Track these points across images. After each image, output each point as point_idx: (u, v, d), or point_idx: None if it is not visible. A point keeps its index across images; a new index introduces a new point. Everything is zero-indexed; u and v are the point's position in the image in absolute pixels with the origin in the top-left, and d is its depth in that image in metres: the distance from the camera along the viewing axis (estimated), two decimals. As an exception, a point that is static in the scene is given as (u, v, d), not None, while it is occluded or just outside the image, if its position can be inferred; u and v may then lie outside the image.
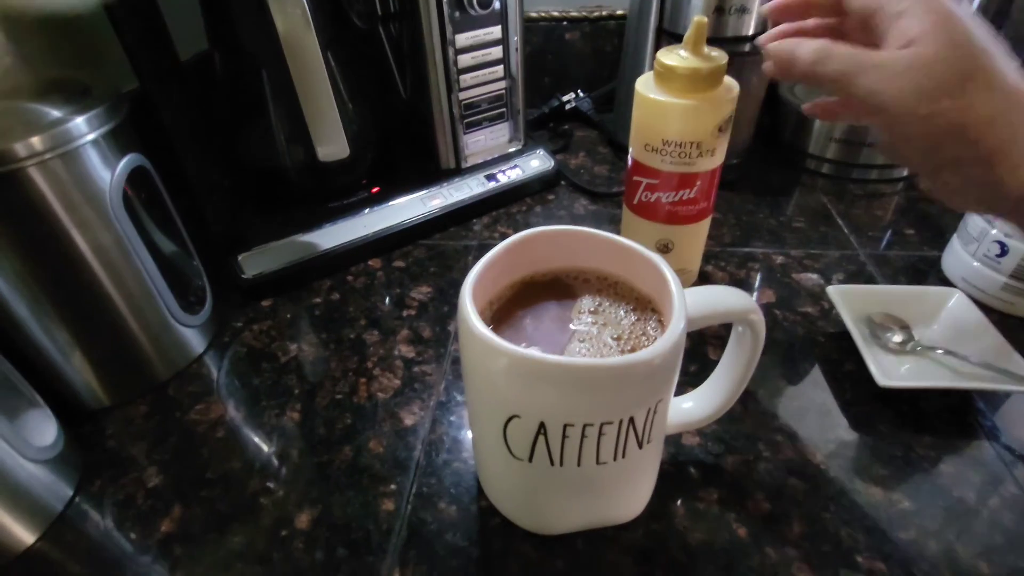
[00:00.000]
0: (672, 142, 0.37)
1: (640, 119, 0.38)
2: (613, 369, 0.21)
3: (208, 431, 0.36)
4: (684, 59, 0.35)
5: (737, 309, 0.26)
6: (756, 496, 0.31)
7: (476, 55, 0.51)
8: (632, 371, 0.21)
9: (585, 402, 0.21)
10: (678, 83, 0.35)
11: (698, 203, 0.40)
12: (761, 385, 0.37)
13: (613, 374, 0.21)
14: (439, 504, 0.31)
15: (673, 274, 0.25)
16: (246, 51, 0.46)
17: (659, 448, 0.28)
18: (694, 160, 0.37)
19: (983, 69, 0.22)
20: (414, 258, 0.50)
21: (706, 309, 0.25)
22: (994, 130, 0.22)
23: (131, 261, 0.36)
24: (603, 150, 0.65)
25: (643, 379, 0.22)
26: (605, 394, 0.21)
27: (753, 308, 0.26)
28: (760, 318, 0.27)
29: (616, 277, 0.29)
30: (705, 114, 0.36)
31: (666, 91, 0.36)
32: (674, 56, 0.36)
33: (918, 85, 0.22)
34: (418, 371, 0.39)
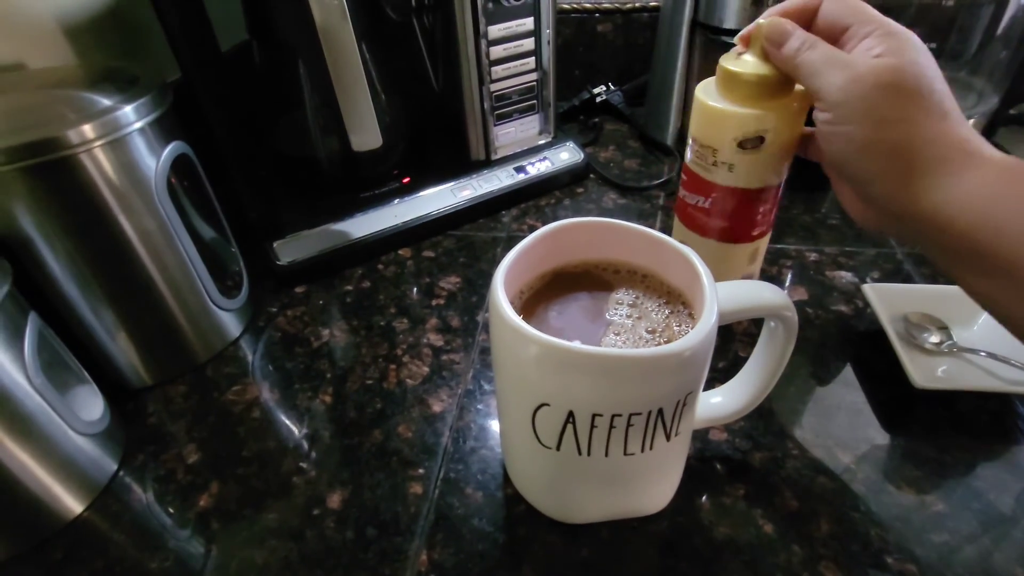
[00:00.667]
0: (696, 139, 0.35)
1: (700, 129, 0.36)
2: (644, 360, 0.21)
3: (244, 411, 0.37)
4: (754, 65, 0.31)
5: (771, 304, 0.26)
6: (783, 493, 0.31)
7: (508, 47, 0.51)
8: (663, 363, 0.21)
9: (615, 393, 0.22)
10: (722, 84, 0.33)
11: (711, 217, 0.37)
12: (791, 383, 0.36)
13: (644, 365, 0.21)
14: (466, 489, 0.32)
15: (705, 267, 0.25)
16: (284, 41, 0.47)
17: (687, 442, 0.28)
18: (709, 167, 0.35)
19: (931, 92, 0.24)
20: (443, 248, 0.50)
21: (739, 303, 0.25)
22: (931, 149, 0.24)
23: (174, 246, 0.37)
24: (633, 144, 0.65)
25: (673, 371, 0.22)
26: (635, 385, 0.21)
27: (787, 304, 0.26)
28: (794, 314, 0.26)
29: (646, 270, 0.29)
30: (725, 121, 0.33)
31: (714, 89, 0.34)
32: (738, 63, 0.32)
33: (874, 92, 0.25)
34: (446, 359, 0.40)
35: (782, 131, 0.32)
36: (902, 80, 0.24)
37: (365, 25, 0.48)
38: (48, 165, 0.31)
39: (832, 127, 0.27)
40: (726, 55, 0.33)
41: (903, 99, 0.24)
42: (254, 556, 0.30)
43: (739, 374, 0.30)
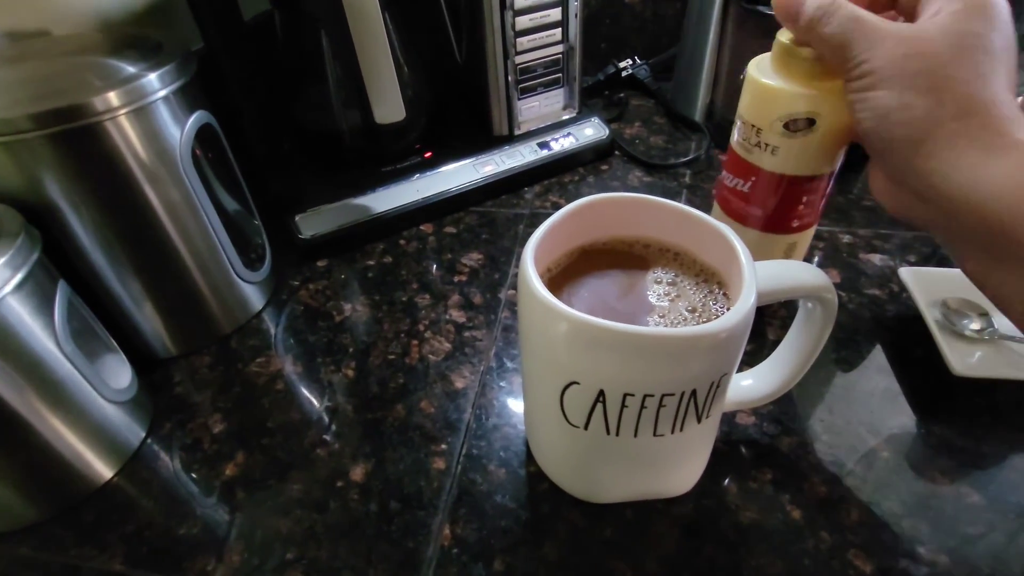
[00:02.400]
0: (742, 117, 0.33)
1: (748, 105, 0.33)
2: (679, 340, 0.20)
3: (268, 383, 0.38)
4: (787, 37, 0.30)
5: (811, 285, 0.25)
6: (812, 479, 0.30)
7: (534, 17, 0.50)
8: (699, 343, 0.20)
9: (648, 372, 0.21)
10: (776, 59, 0.31)
11: (750, 203, 0.34)
12: (821, 367, 0.35)
13: (679, 345, 0.20)
14: (488, 466, 0.32)
15: (743, 245, 0.24)
16: (307, 11, 0.46)
17: (716, 424, 0.27)
18: (752, 148, 0.33)
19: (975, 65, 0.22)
20: (465, 224, 0.50)
21: (777, 283, 0.24)
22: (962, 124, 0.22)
23: (198, 217, 0.37)
24: (659, 120, 0.63)
25: (709, 352, 0.21)
26: (669, 365, 0.21)
27: (827, 285, 0.25)
28: (834, 296, 0.25)
29: (679, 248, 0.28)
30: (772, 99, 0.30)
31: (768, 65, 0.31)
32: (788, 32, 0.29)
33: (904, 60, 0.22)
34: (468, 336, 0.39)
35: (835, 115, 0.29)
36: (938, 49, 0.22)
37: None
38: (73, 132, 0.30)
39: (858, 94, 0.24)
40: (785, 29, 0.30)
41: (936, 68, 0.22)
42: (279, 525, 0.30)
43: (771, 356, 0.29)
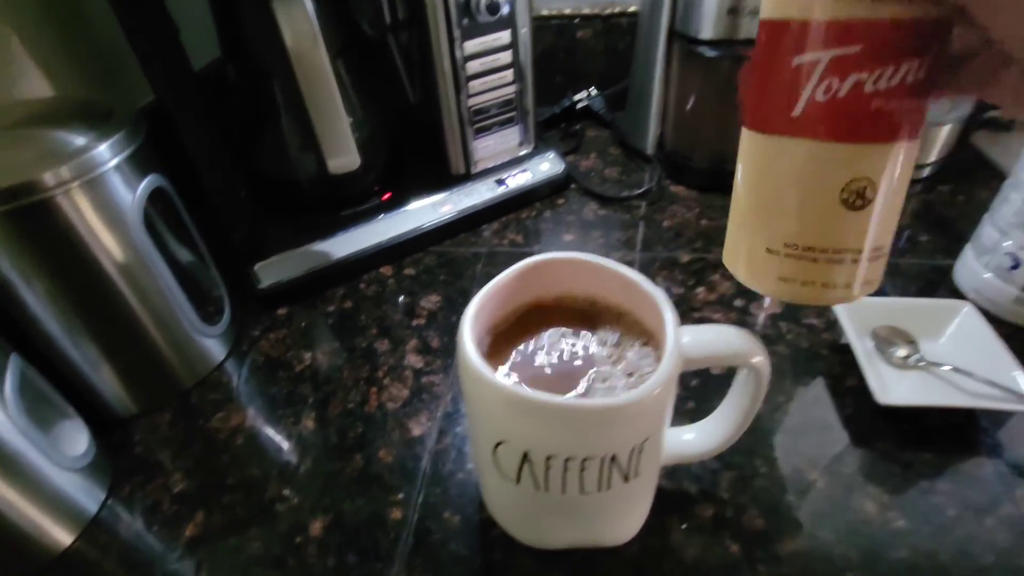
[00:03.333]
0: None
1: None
2: (592, 412, 0.22)
3: (229, 438, 0.38)
4: None
5: (740, 352, 0.26)
6: (750, 512, 0.31)
7: (485, 61, 0.51)
8: (613, 414, 0.22)
9: (565, 438, 0.22)
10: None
11: (929, 93, 0.18)
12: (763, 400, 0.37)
13: (592, 417, 0.22)
14: (444, 514, 0.33)
15: (673, 312, 0.25)
16: (258, 63, 0.47)
17: (651, 479, 0.29)
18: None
19: None
20: (424, 265, 0.51)
21: (706, 351, 0.25)
22: None
23: (152, 277, 0.37)
24: (614, 151, 0.65)
25: (624, 422, 0.22)
26: (584, 434, 0.22)
27: (757, 351, 0.26)
28: (765, 362, 0.26)
29: (622, 308, 0.30)
30: None
31: None
32: None
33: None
34: (426, 381, 0.40)
35: None
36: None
37: (341, 42, 0.49)
38: (25, 209, 0.31)
39: None
40: None
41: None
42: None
43: (713, 415, 0.30)
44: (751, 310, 0.44)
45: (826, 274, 0.21)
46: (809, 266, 0.21)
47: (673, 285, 0.47)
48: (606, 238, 0.52)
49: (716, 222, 0.53)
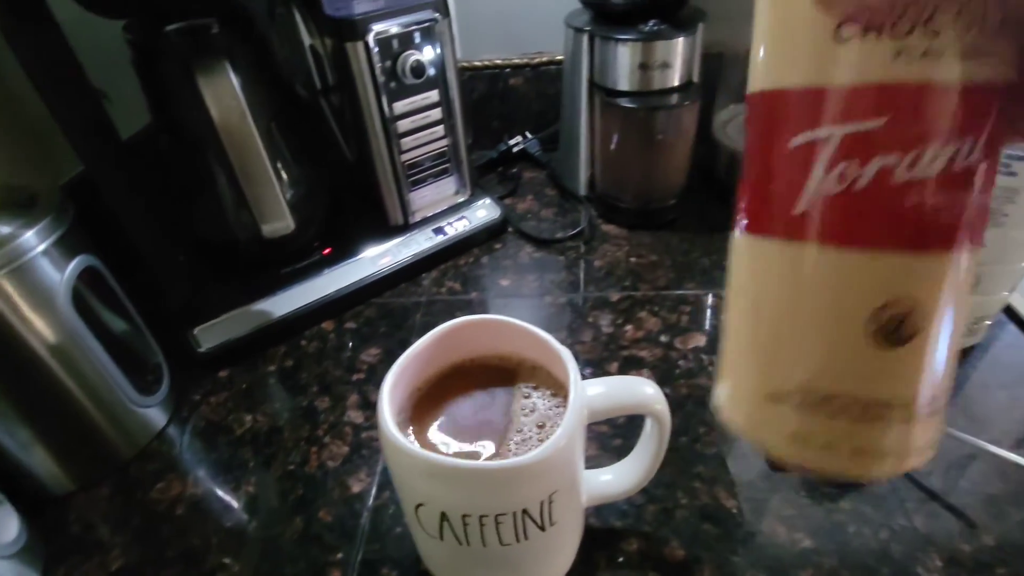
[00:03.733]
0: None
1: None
2: (497, 472, 0.23)
3: (168, 509, 0.38)
4: None
5: (641, 403, 0.28)
6: (671, 543, 0.34)
7: (415, 119, 0.54)
8: (516, 474, 0.24)
9: (475, 499, 0.24)
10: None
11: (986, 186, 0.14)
12: (684, 432, 0.39)
13: (497, 477, 0.24)
14: (382, 570, 0.34)
15: (575, 368, 0.27)
16: (188, 134, 0.48)
17: (572, 524, 0.30)
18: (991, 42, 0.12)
19: None
20: (365, 318, 0.52)
21: (608, 403, 0.28)
22: None
23: (84, 355, 0.38)
24: (550, 192, 0.68)
25: (528, 479, 0.24)
26: (492, 493, 0.24)
27: (656, 399, 0.28)
28: (664, 408, 0.28)
29: (536, 362, 0.32)
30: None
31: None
32: None
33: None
34: (366, 437, 0.41)
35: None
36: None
37: (274, 106, 0.50)
38: (-55, 300, 0.31)
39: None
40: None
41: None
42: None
43: (628, 457, 0.32)
44: (676, 345, 0.46)
45: (857, 435, 0.15)
46: (830, 423, 0.15)
47: (603, 323, 0.49)
48: (540, 280, 0.55)
49: (644, 259, 0.56)
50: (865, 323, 0.14)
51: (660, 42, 0.52)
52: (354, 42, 0.48)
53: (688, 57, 0.54)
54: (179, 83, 0.44)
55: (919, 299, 0.14)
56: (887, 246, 0.14)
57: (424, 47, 0.51)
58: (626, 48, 0.53)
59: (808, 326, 0.15)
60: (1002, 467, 0.35)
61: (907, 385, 0.15)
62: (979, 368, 0.42)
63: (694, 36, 0.54)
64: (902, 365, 0.15)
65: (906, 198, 0.13)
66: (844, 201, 0.14)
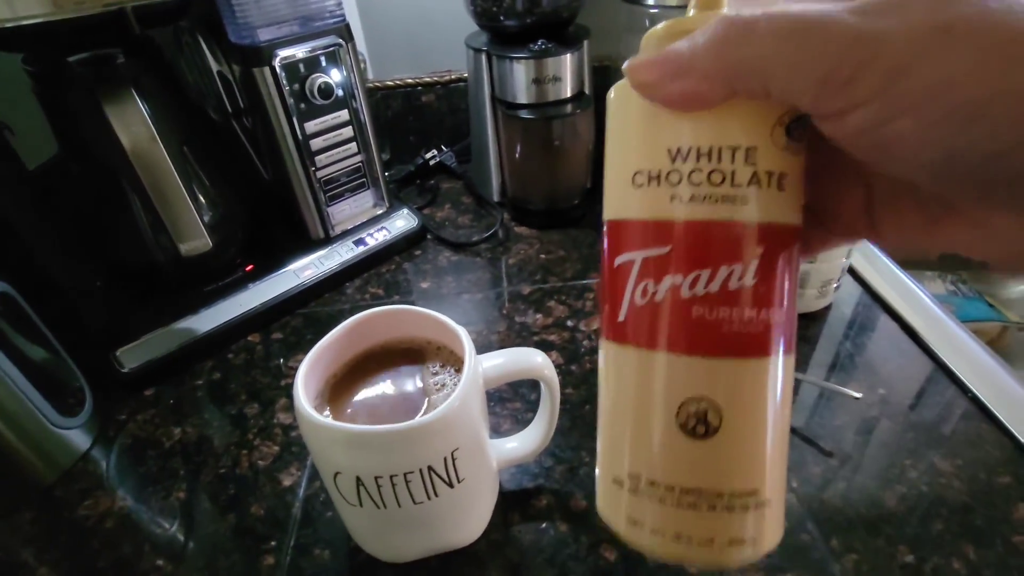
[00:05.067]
0: (694, 152, 0.16)
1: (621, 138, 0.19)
2: (395, 433, 0.27)
3: (97, 524, 0.39)
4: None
5: (529, 369, 0.33)
6: (576, 495, 0.38)
7: (327, 137, 0.57)
8: (412, 434, 0.27)
9: (382, 459, 0.27)
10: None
11: (766, 304, 0.17)
12: (589, 400, 0.44)
13: (396, 437, 0.27)
14: (314, 551, 0.36)
15: (469, 342, 0.31)
16: (97, 161, 0.49)
17: (482, 483, 0.34)
18: (743, 190, 0.16)
19: None
20: (291, 328, 0.54)
21: (500, 371, 0.32)
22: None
23: (1, 381, 0.38)
24: (467, 200, 0.72)
25: (425, 438, 0.28)
26: (396, 452, 0.27)
27: (544, 366, 0.33)
28: (552, 374, 0.33)
29: (440, 343, 0.35)
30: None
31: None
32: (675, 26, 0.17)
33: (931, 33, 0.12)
34: (295, 435, 0.44)
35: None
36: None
37: (186, 130, 0.52)
38: None
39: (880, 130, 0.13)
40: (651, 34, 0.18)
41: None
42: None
43: (531, 424, 0.37)
44: (581, 327, 0.51)
45: (679, 522, 0.17)
46: (659, 508, 0.17)
47: (517, 314, 0.54)
48: (459, 281, 0.59)
49: (553, 255, 0.61)
50: (674, 418, 0.17)
51: (550, 59, 0.58)
52: (261, 67, 0.51)
53: (576, 70, 0.60)
54: (86, 111, 0.45)
55: (714, 398, 0.16)
56: (681, 351, 0.16)
57: (331, 70, 0.54)
58: (520, 65, 0.59)
59: (630, 419, 0.18)
60: (845, 402, 0.42)
61: (718, 477, 0.17)
62: (829, 322, 0.50)
63: (580, 51, 0.60)
64: (711, 458, 0.17)
65: (692, 310, 0.16)
66: (648, 311, 0.17)
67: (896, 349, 0.47)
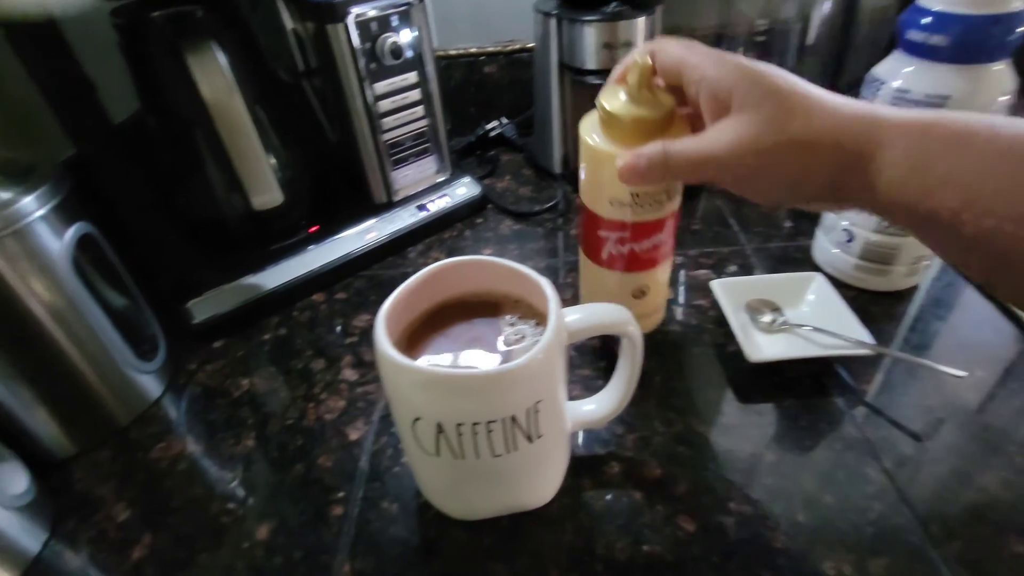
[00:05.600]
0: (645, 193, 0.35)
1: (598, 174, 0.36)
2: (483, 378, 0.26)
3: (170, 466, 0.40)
4: (631, 107, 0.32)
5: (614, 323, 0.31)
6: (650, 465, 0.36)
7: (395, 99, 0.56)
8: (501, 378, 0.26)
9: (466, 405, 0.26)
10: (633, 131, 0.32)
11: (668, 242, 0.39)
12: (660, 371, 0.42)
13: (485, 382, 0.26)
14: (382, 504, 0.36)
15: (554, 294, 0.30)
16: (177, 114, 0.50)
17: (557, 442, 0.33)
18: (663, 203, 0.36)
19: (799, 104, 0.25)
20: (355, 289, 0.54)
21: (584, 324, 0.31)
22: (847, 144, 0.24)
23: (85, 320, 0.39)
24: (527, 172, 0.71)
25: (512, 385, 0.27)
26: (482, 399, 0.26)
27: (628, 321, 0.31)
28: (636, 330, 0.32)
29: (516, 296, 0.34)
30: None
31: (621, 140, 0.33)
32: (617, 103, 0.33)
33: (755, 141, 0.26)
34: (361, 391, 0.44)
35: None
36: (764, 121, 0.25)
37: (259, 90, 0.52)
38: (-48, 261, 0.33)
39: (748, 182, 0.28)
40: (605, 91, 0.34)
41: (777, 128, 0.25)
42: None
43: (608, 384, 0.35)
44: (648, 298, 0.50)
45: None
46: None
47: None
48: (521, 249, 0.58)
49: (617, 227, 0.59)
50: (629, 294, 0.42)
51: (622, 22, 0.56)
52: (335, 24, 0.50)
53: (649, 36, 0.58)
54: (167, 64, 0.46)
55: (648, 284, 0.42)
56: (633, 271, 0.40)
57: (402, 30, 0.54)
58: (591, 29, 0.57)
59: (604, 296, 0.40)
60: (939, 383, 0.39)
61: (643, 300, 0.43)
62: (919, 301, 0.47)
63: (654, 16, 0.58)
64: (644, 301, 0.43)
65: (634, 255, 0.39)
66: (617, 256, 0.40)
67: (992, 328, 0.44)
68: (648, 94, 0.32)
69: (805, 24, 0.62)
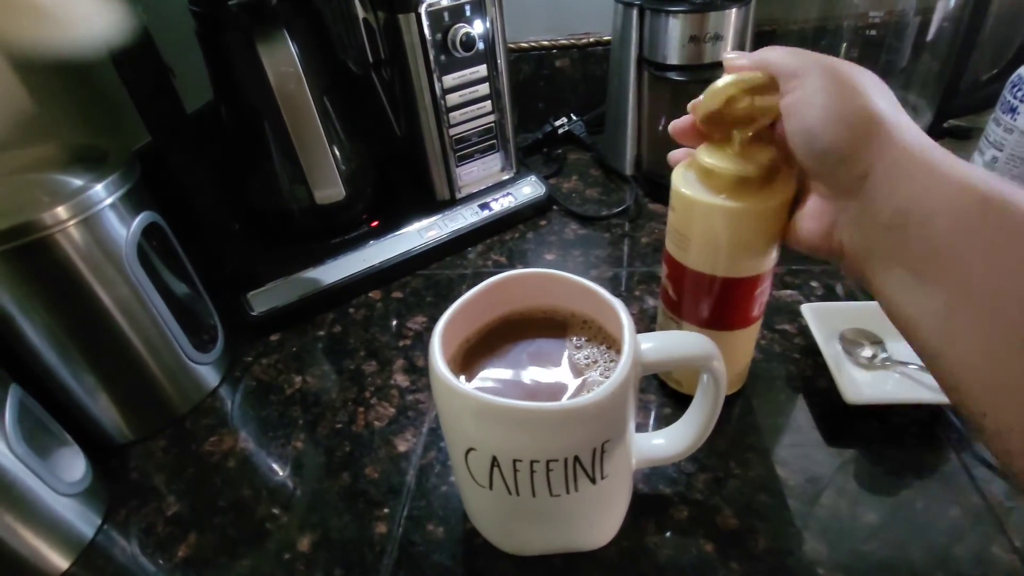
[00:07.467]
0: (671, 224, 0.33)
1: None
2: (548, 413, 0.23)
3: (221, 461, 0.39)
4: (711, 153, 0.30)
5: (696, 356, 0.27)
6: (724, 512, 0.32)
7: (464, 93, 0.54)
8: (567, 416, 0.23)
9: (526, 441, 0.24)
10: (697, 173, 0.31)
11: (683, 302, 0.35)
12: (736, 403, 0.38)
13: (549, 418, 0.23)
14: (427, 526, 0.34)
15: (629, 320, 0.27)
16: (247, 103, 0.49)
17: (621, 482, 0.30)
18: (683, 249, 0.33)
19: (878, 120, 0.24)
20: (412, 288, 0.53)
21: (662, 355, 0.27)
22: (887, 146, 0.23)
23: (147, 309, 0.39)
24: (595, 172, 0.67)
25: (580, 423, 0.24)
26: (544, 435, 0.23)
27: (712, 355, 0.27)
28: (720, 365, 0.28)
29: (586, 316, 0.31)
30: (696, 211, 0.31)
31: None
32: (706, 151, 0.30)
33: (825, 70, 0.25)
34: (412, 399, 0.42)
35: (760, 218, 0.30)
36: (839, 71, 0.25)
37: (327, 81, 0.51)
38: (25, 247, 0.33)
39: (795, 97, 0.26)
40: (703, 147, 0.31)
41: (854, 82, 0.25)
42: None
43: (681, 418, 0.31)
44: (726, 319, 0.45)
45: None
46: None
47: (651, 297, 0.48)
48: (586, 256, 0.54)
49: (692, 236, 0.55)
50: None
51: (713, 13, 0.51)
52: (406, 14, 0.48)
53: (741, 29, 0.53)
54: (240, 52, 0.45)
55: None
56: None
57: (474, 21, 0.51)
58: (677, 20, 0.52)
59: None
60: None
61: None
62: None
63: (747, 9, 0.52)
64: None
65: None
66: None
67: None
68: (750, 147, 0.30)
69: (926, 18, 0.55)
